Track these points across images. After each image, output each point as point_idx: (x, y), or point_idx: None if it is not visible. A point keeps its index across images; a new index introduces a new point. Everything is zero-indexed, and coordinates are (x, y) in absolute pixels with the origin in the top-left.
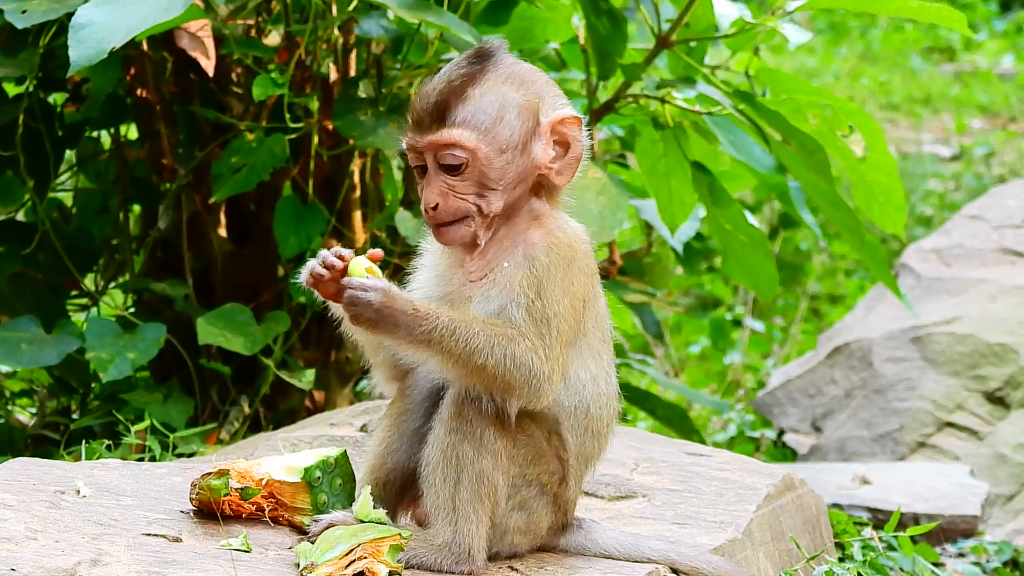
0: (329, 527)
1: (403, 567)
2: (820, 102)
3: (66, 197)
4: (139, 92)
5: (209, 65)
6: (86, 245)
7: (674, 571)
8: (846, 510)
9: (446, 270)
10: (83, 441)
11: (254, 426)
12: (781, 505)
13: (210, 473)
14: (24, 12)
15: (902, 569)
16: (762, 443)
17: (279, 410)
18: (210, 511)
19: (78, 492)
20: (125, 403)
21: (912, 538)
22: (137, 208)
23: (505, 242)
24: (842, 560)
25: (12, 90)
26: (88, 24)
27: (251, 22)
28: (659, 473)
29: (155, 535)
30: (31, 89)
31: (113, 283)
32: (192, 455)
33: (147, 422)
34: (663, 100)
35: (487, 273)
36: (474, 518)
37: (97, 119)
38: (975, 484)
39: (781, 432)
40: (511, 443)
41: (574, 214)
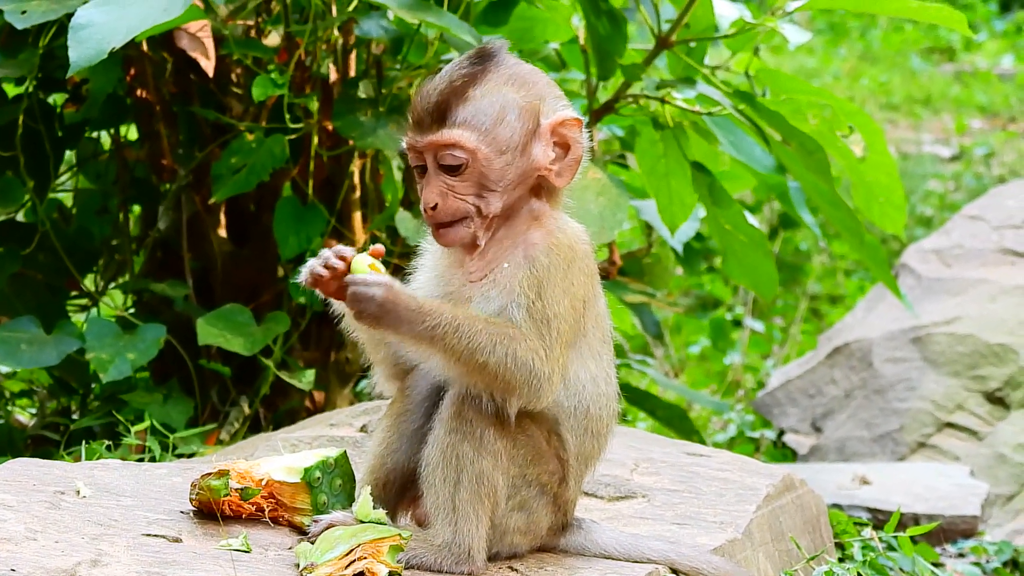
0: (329, 527)
1: (403, 567)
2: (820, 102)
3: (66, 197)
4: (139, 93)
5: (209, 66)
6: (86, 246)
7: (674, 571)
8: (846, 510)
9: (446, 270)
10: (83, 442)
11: (254, 427)
12: (781, 505)
13: (210, 473)
14: (24, 13)
15: (902, 569)
16: (762, 443)
17: (279, 410)
18: (210, 511)
19: (78, 492)
20: (125, 404)
21: (912, 538)
22: (137, 209)
23: (505, 242)
24: (842, 560)
25: (12, 91)
26: (88, 24)
27: (251, 23)
28: (659, 473)
29: (155, 535)
30: (31, 90)
31: (113, 283)
32: (192, 455)
33: (147, 423)
34: (663, 100)
35: (487, 273)
36: (474, 518)
37: (97, 120)
38: (975, 484)
39: (781, 432)
40: (511, 443)
41: (574, 215)
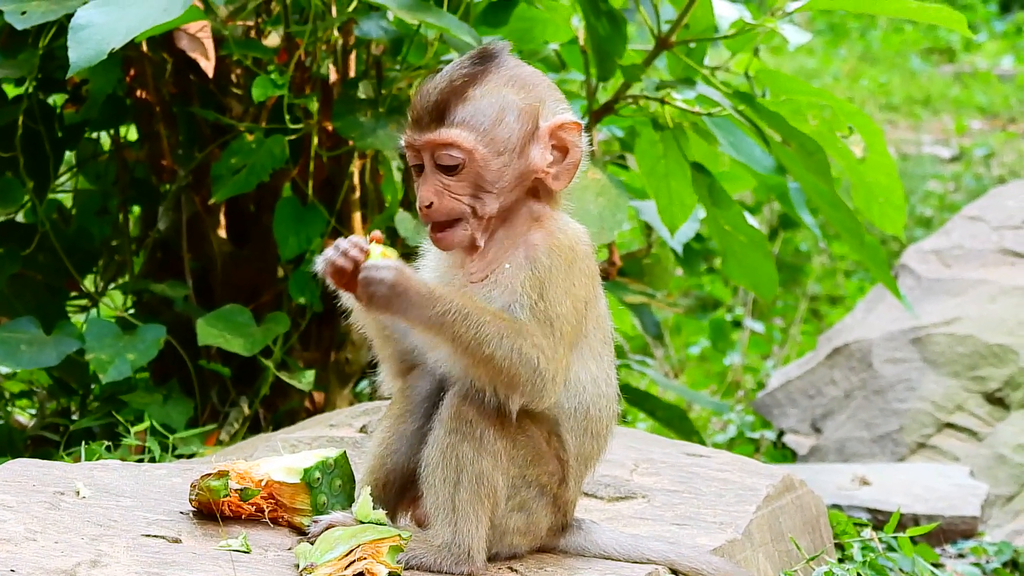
0: (329, 528)
1: (402, 568)
2: (820, 103)
3: (66, 198)
4: (139, 93)
5: (209, 66)
6: (86, 246)
7: (674, 572)
8: (846, 511)
9: (447, 271)
10: (83, 442)
11: (254, 427)
12: (781, 506)
13: (210, 474)
14: (24, 13)
15: (902, 570)
16: (762, 444)
17: (279, 411)
18: (210, 512)
19: (78, 493)
20: (125, 404)
21: (912, 539)
22: (137, 209)
23: (506, 243)
24: (842, 561)
25: (12, 91)
26: (88, 25)
27: (251, 23)
28: (659, 474)
29: (155, 536)
30: (31, 90)
31: (113, 284)
32: (192, 456)
33: (147, 423)
34: (663, 101)
35: (488, 274)
36: (474, 519)
37: (97, 120)
38: (975, 485)
39: (781, 433)
40: (511, 444)
41: (574, 215)
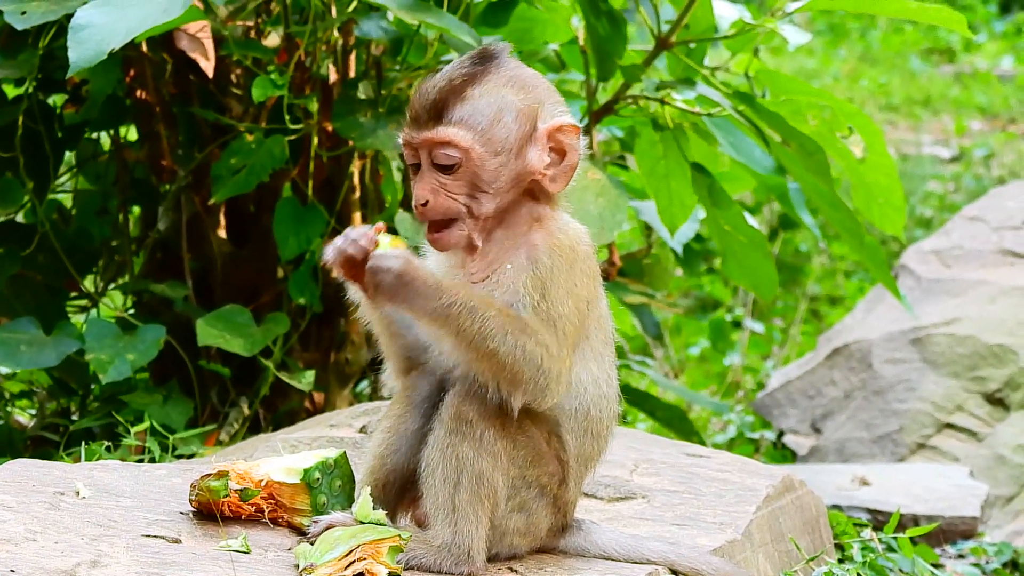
0: (328, 528)
1: (402, 568)
2: (820, 103)
3: (66, 198)
4: (139, 93)
5: (208, 66)
6: (86, 246)
7: (674, 572)
8: (846, 511)
9: (448, 271)
10: (82, 442)
11: (253, 427)
12: (781, 506)
13: (209, 474)
14: (23, 13)
15: (901, 570)
16: (762, 444)
17: (278, 411)
18: (209, 512)
19: (77, 493)
20: (125, 404)
21: (912, 539)
22: (137, 209)
23: (506, 243)
24: (841, 561)
25: (12, 91)
26: (87, 25)
27: (250, 23)
28: (659, 474)
29: (154, 536)
30: (31, 90)
31: (113, 284)
32: (192, 456)
33: (147, 423)
34: (663, 101)
35: (489, 274)
36: (473, 519)
37: (97, 120)
38: (975, 485)
39: (781, 433)
40: (511, 444)
41: (574, 216)
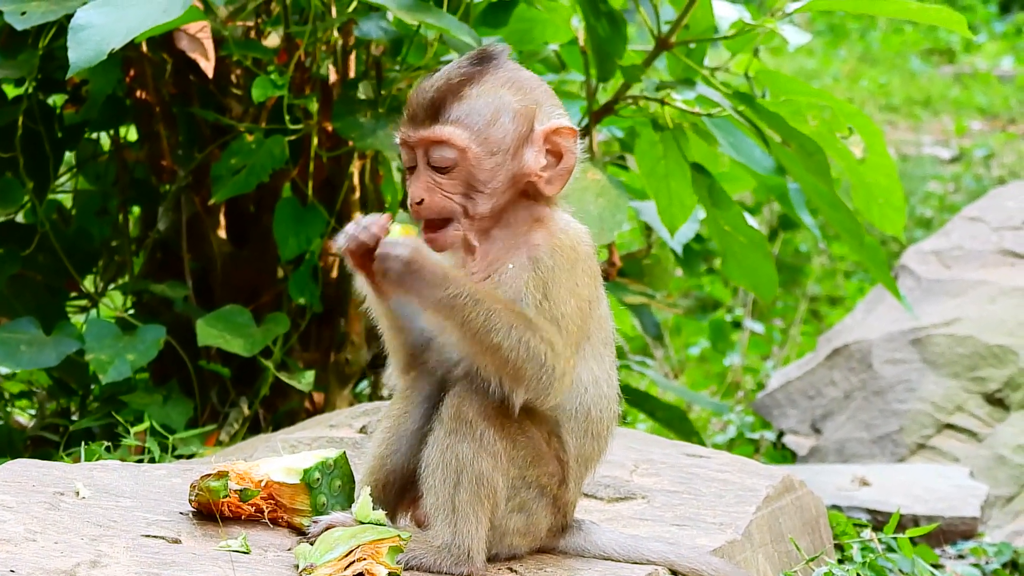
0: (328, 528)
1: (402, 568)
2: (819, 104)
3: (66, 199)
4: (138, 94)
5: (208, 67)
6: (86, 247)
7: (673, 573)
8: (845, 512)
9: None
10: (82, 443)
11: (253, 427)
12: (780, 507)
13: (209, 475)
14: (23, 14)
15: (901, 571)
16: (761, 445)
17: (278, 411)
18: (209, 512)
19: (77, 494)
20: (124, 405)
21: (911, 540)
22: (136, 210)
23: (507, 243)
24: (841, 562)
25: (12, 92)
26: (87, 26)
27: (250, 24)
28: (658, 475)
29: (154, 536)
30: (30, 91)
31: (112, 285)
32: (191, 456)
33: (146, 424)
34: (663, 102)
35: (490, 274)
36: (473, 519)
37: (96, 121)
38: (975, 486)
39: (780, 434)
40: (511, 444)
41: (574, 216)
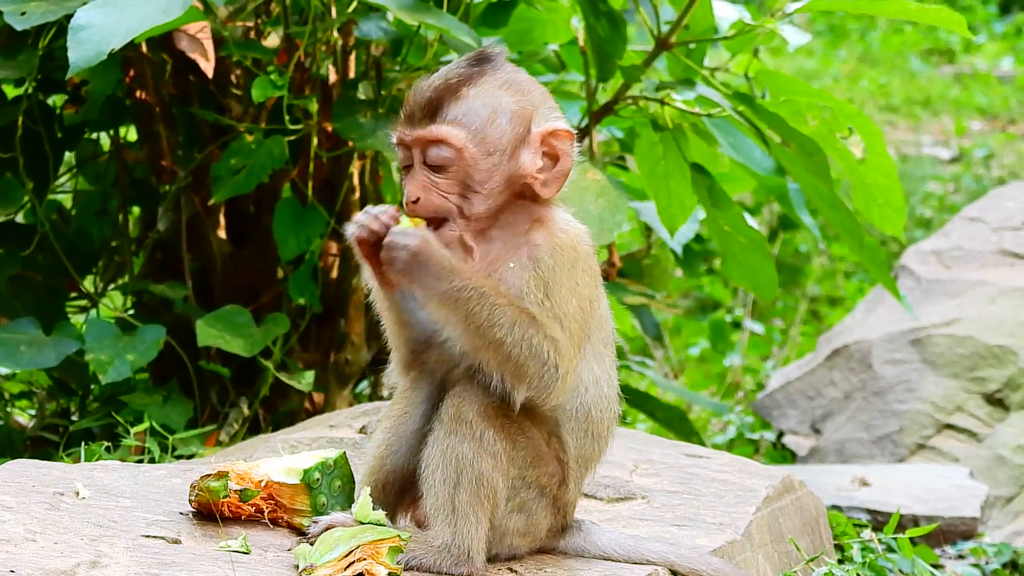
0: (328, 528)
1: (402, 568)
2: (819, 104)
3: (65, 199)
4: (138, 94)
5: (208, 67)
6: (85, 247)
7: (673, 573)
8: (845, 512)
9: None
10: (82, 443)
11: (253, 428)
12: (780, 507)
13: (209, 475)
14: (23, 14)
15: (901, 571)
16: (761, 445)
17: (278, 412)
18: (209, 513)
19: (77, 494)
20: (124, 405)
21: (911, 540)
22: (136, 210)
23: (507, 243)
24: (841, 562)
25: (11, 92)
26: (87, 26)
27: (250, 24)
28: (658, 475)
29: (154, 537)
30: (30, 91)
31: (112, 285)
32: (191, 457)
33: (146, 424)
34: (662, 102)
35: (491, 274)
36: (473, 520)
37: (96, 121)
38: (974, 486)
39: (780, 434)
40: (511, 445)
41: (574, 216)
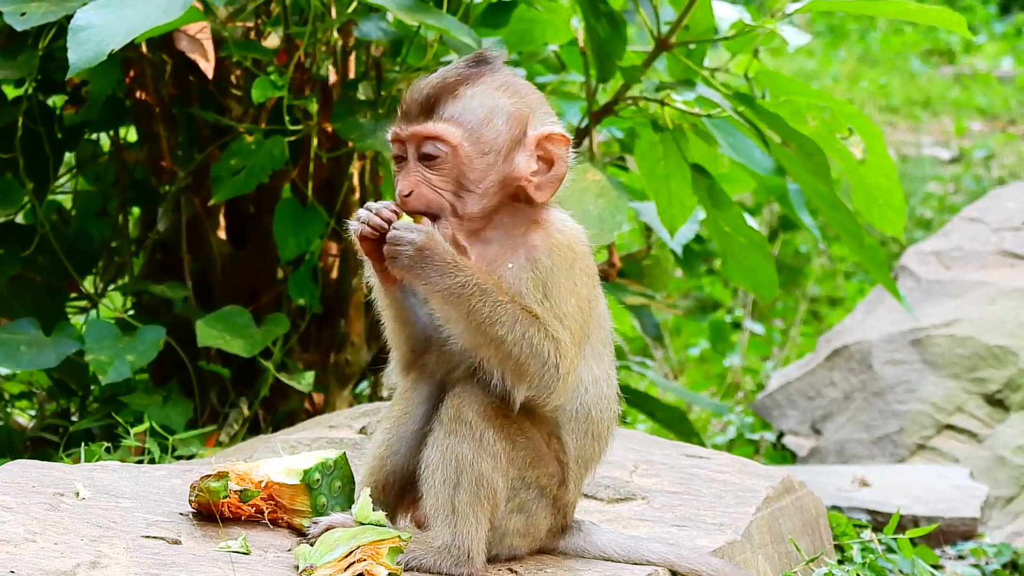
0: (328, 529)
1: (402, 569)
2: (819, 104)
3: (65, 199)
4: (138, 94)
5: (208, 67)
6: (85, 247)
7: (673, 573)
8: (845, 512)
9: None
10: (82, 443)
11: (253, 428)
12: (780, 507)
13: (209, 475)
14: (23, 14)
15: (901, 571)
16: (761, 445)
17: (278, 412)
18: (209, 513)
19: (77, 494)
20: (124, 405)
21: (911, 540)
22: (136, 210)
23: (505, 243)
24: (841, 562)
25: (11, 92)
26: (87, 26)
27: (250, 24)
28: (658, 475)
29: (154, 537)
30: (30, 91)
31: (112, 285)
32: (191, 457)
33: (146, 424)
34: (662, 102)
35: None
36: (473, 520)
37: (96, 121)
38: (974, 486)
39: (780, 434)
40: (510, 445)
41: (572, 217)
